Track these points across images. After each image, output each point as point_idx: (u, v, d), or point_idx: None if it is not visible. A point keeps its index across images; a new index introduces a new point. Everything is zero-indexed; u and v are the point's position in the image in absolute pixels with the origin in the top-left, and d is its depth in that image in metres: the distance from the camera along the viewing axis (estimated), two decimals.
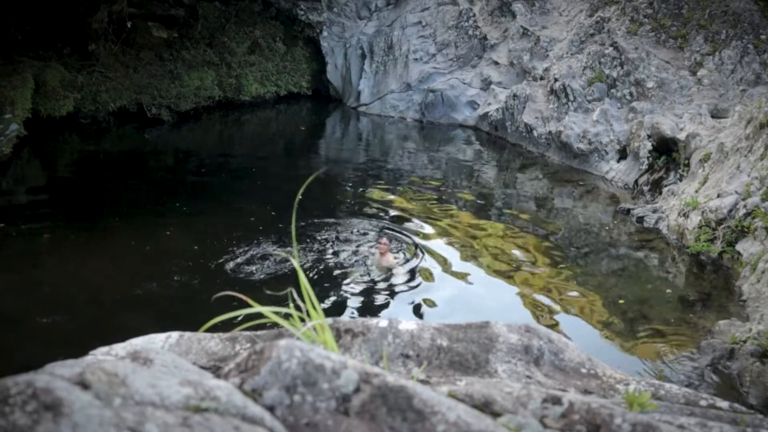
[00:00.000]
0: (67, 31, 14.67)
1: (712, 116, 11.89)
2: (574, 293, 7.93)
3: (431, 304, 7.49)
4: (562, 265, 8.71)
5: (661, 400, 1.66)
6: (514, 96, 15.24)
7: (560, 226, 10.40)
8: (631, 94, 13.33)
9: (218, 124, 16.39)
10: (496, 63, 16.90)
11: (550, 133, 14.06)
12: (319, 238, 9.02)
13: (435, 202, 11.06)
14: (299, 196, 2.05)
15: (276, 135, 16.38)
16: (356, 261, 8.44)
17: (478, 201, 11.33)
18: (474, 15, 17.64)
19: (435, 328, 1.81)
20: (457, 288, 7.89)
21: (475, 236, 9.48)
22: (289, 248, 7.93)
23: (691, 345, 6.79)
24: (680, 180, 10.88)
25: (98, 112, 14.70)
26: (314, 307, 1.60)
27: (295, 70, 18.64)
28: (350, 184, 12.17)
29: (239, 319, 1.66)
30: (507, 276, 8.28)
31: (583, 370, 1.78)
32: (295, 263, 1.70)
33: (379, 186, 12.07)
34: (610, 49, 13.84)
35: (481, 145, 15.60)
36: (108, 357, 1.75)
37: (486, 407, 1.35)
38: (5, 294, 7.09)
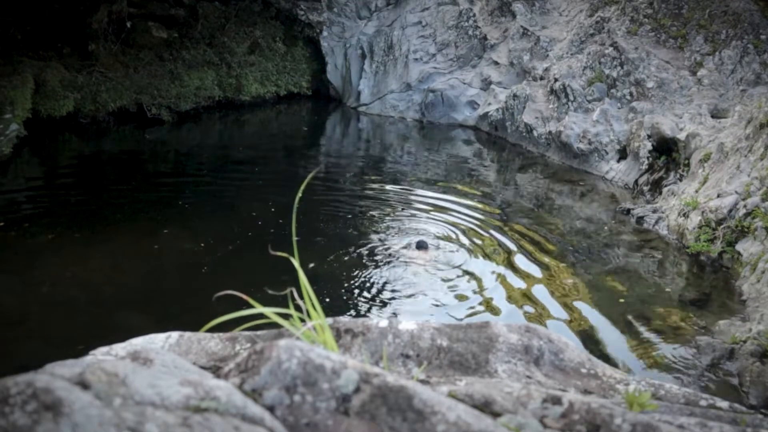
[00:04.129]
0: (67, 31, 14.67)
1: (712, 116, 11.90)
2: (573, 293, 7.93)
3: (429, 304, 7.49)
4: (561, 265, 8.71)
5: (661, 400, 1.66)
6: (514, 96, 15.24)
7: (560, 226, 10.40)
8: (631, 94, 13.33)
9: (218, 124, 16.38)
10: (496, 63, 16.90)
11: (550, 133, 14.07)
12: (320, 237, 9.03)
13: (434, 201, 11.06)
14: (299, 195, 2.06)
15: (276, 135, 16.37)
16: (388, 258, 8.52)
17: (478, 200, 11.33)
18: (474, 15, 17.64)
19: (435, 328, 1.81)
20: (453, 287, 7.89)
21: (474, 235, 9.48)
22: (290, 247, 7.93)
23: (691, 345, 6.79)
24: (680, 180, 10.88)
25: (98, 112, 14.69)
26: (314, 307, 1.61)
27: (295, 70, 18.64)
28: (351, 184, 12.17)
29: (239, 319, 1.66)
30: (506, 276, 8.28)
31: (583, 370, 1.78)
32: (295, 263, 1.70)
33: (379, 185, 12.07)
34: (610, 49, 13.84)
35: (481, 145, 15.60)
36: (108, 357, 1.75)
37: (486, 407, 1.35)
38: (5, 294, 7.08)
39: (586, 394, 1.64)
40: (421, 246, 8.67)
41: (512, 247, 9.21)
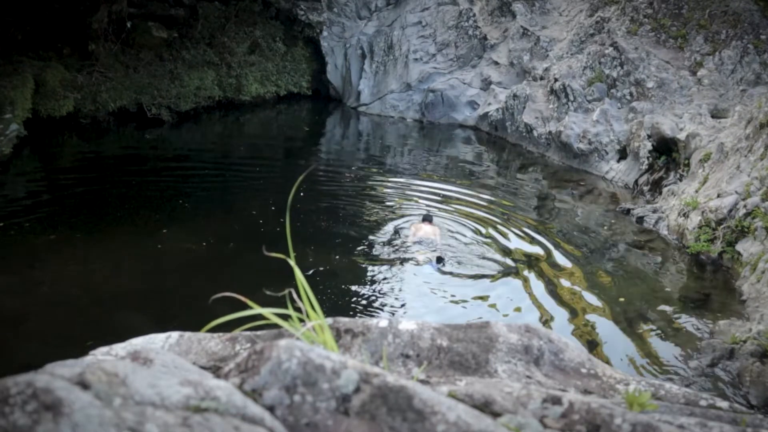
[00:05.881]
0: (67, 31, 14.66)
1: (712, 116, 11.90)
2: (574, 293, 7.93)
3: (429, 303, 7.49)
4: (561, 265, 8.71)
5: (661, 400, 1.65)
6: (514, 96, 15.24)
7: (560, 226, 10.40)
8: (631, 94, 13.33)
9: (218, 124, 16.38)
10: (496, 63, 16.90)
11: (550, 133, 14.06)
12: (322, 235, 9.03)
13: (434, 201, 11.06)
14: (293, 193, 2.06)
15: (276, 135, 16.37)
16: (388, 256, 8.57)
17: (478, 201, 11.33)
18: (474, 15, 17.64)
19: (435, 328, 1.81)
20: (453, 286, 7.89)
21: (473, 235, 9.48)
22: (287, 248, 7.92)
23: (691, 345, 6.79)
24: (680, 180, 10.88)
25: (98, 112, 14.68)
26: (312, 308, 1.60)
27: (295, 70, 18.64)
28: (351, 183, 12.17)
29: (240, 319, 1.66)
30: (506, 275, 8.27)
31: (583, 370, 1.78)
32: (292, 263, 1.70)
33: (379, 185, 12.08)
34: (610, 49, 13.84)
35: (481, 145, 15.60)
36: (108, 357, 1.75)
37: (486, 407, 1.35)
38: (5, 294, 7.08)
39: (586, 394, 1.64)
40: (427, 218, 9.20)
41: (512, 246, 9.21)
